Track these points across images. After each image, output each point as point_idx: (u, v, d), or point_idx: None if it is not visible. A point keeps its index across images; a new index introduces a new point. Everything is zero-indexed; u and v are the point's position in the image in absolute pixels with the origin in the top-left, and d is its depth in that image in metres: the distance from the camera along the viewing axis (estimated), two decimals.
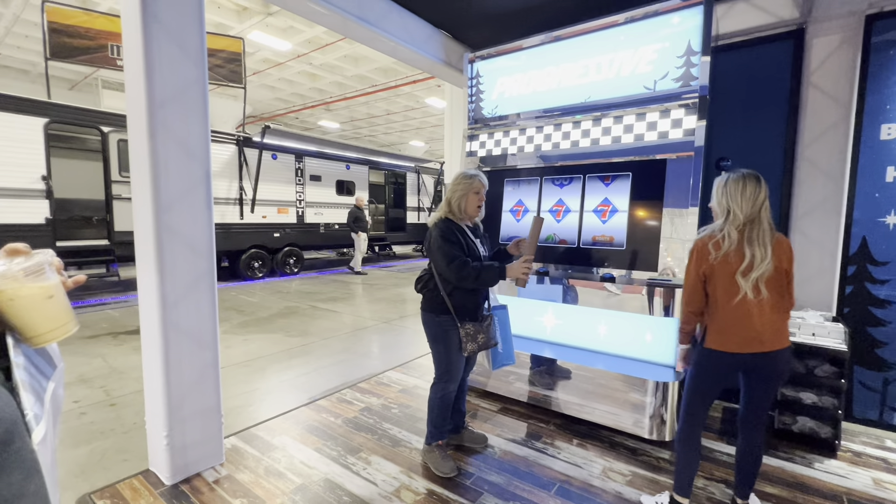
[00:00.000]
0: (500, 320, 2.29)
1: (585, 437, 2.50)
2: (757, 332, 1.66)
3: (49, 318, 0.61)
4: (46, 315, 0.61)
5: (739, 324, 1.66)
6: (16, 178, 5.35)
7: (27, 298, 0.59)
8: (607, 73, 2.77)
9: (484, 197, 2.21)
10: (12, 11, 8.44)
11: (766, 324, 1.65)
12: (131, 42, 1.84)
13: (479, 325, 2.11)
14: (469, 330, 2.07)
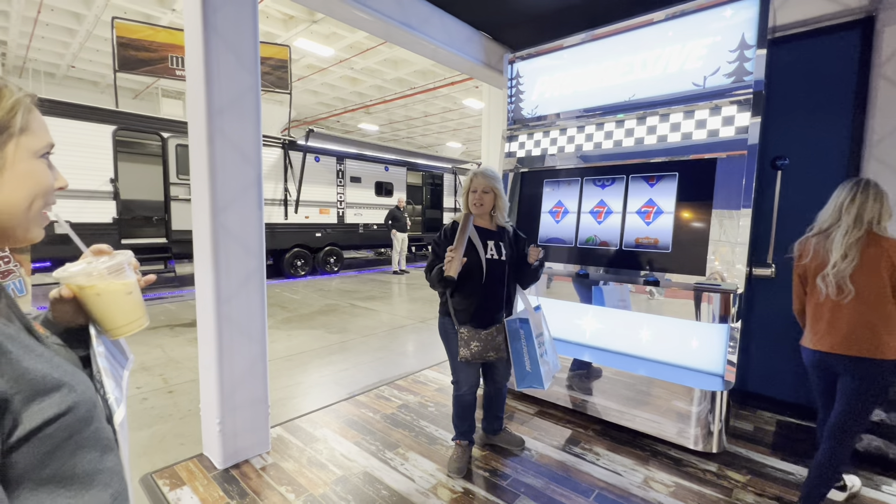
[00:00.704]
0: (513, 334, 2.08)
1: (626, 444, 2.43)
2: (833, 331, 1.70)
3: (126, 313, 0.67)
4: (124, 310, 0.67)
5: (818, 321, 1.79)
6: (88, 181, 5.84)
7: (110, 294, 0.65)
8: (653, 70, 2.69)
9: (481, 195, 2.04)
10: (86, 28, 9.21)
11: (845, 324, 1.68)
12: (193, 53, 1.98)
13: (476, 332, 1.98)
14: (463, 335, 1.98)
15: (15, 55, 10.89)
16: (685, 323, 2.45)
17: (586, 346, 2.86)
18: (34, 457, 0.45)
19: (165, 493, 1.95)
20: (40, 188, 0.53)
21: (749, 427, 2.66)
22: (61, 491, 0.47)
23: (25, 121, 0.52)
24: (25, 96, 0.53)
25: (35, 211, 0.54)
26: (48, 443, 0.45)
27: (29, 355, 0.46)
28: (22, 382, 0.44)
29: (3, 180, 0.49)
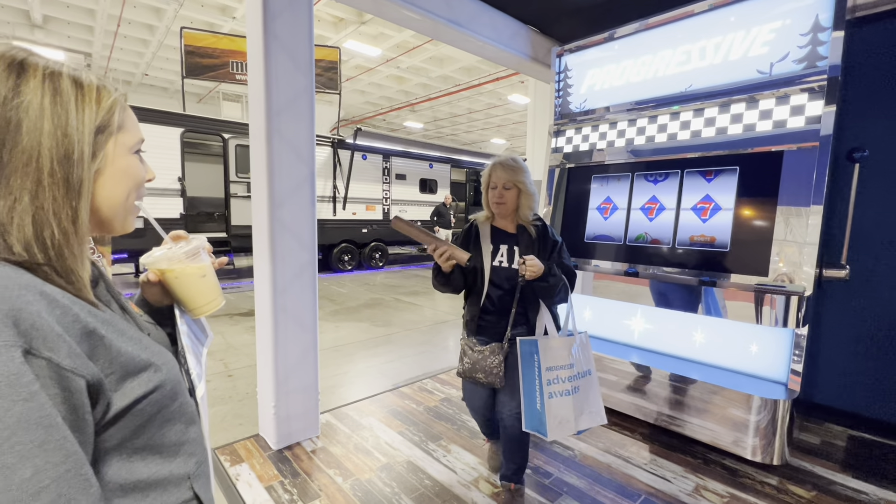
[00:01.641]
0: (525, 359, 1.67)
1: (676, 450, 2.33)
2: None
3: (203, 294, 0.72)
4: (202, 291, 0.72)
5: None
6: (159, 180, 6.36)
7: (187, 277, 0.70)
8: (713, 58, 2.54)
9: (502, 192, 1.71)
10: (158, 39, 9.98)
11: None
12: (254, 58, 2.11)
13: (472, 347, 1.72)
14: (461, 346, 1.78)
15: (98, 65, 11.98)
16: (744, 326, 2.32)
17: (634, 348, 2.76)
18: (127, 430, 0.49)
19: (227, 468, 2.11)
20: (135, 182, 0.57)
21: (815, 440, 2.47)
22: (153, 458, 0.53)
23: (121, 119, 0.55)
24: (121, 95, 0.56)
25: (130, 203, 0.57)
26: (139, 417, 0.50)
27: (121, 338, 0.49)
28: (115, 365, 0.47)
29: (106, 176, 0.53)
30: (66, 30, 9.71)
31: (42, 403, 0.39)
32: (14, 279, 0.42)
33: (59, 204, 0.47)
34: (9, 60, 0.46)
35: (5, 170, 0.44)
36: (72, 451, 0.41)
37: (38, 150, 0.45)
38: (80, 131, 0.49)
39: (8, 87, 0.45)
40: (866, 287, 2.56)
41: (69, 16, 8.98)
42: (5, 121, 0.44)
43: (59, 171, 0.47)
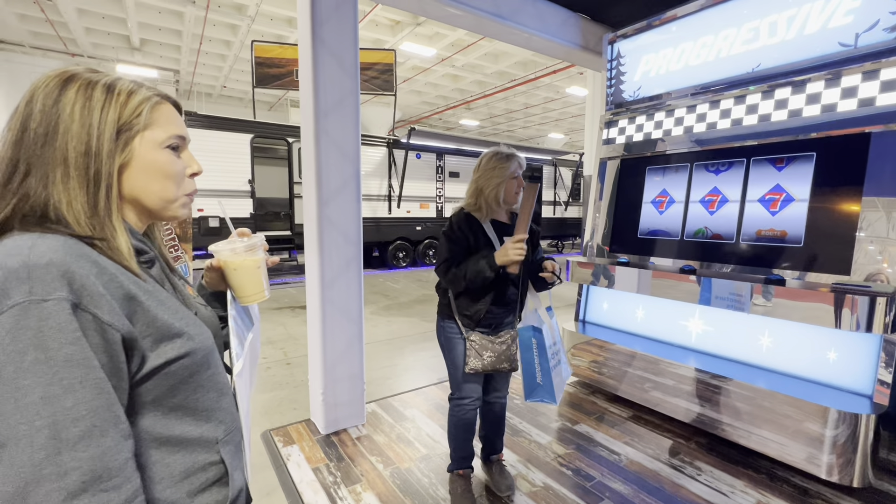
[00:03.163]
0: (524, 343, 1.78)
1: (736, 462, 2.15)
2: None
3: (252, 285, 0.80)
4: (253, 282, 0.80)
5: None
6: (232, 182, 6.94)
7: (243, 268, 0.79)
8: (785, 33, 2.30)
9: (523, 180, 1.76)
10: (234, 53, 10.86)
11: None
12: (304, 63, 2.23)
13: (490, 340, 1.73)
14: (475, 343, 1.72)
15: (185, 81, 13.29)
16: (820, 330, 2.08)
17: (691, 350, 2.58)
18: (162, 388, 0.57)
19: (280, 448, 2.27)
20: (166, 173, 0.62)
21: None
22: (187, 419, 0.60)
23: (150, 118, 0.60)
24: (154, 96, 0.62)
25: (170, 193, 0.63)
26: (172, 378, 0.57)
27: (160, 307, 0.57)
28: (152, 328, 0.55)
29: (133, 168, 0.59)
30: (158, 50, 10.88)
31: (84, 348, 0.47)
32: (74, 248, 0.51)
33: (83, 192, 0.55)
34: (64, 76, 0.56)
35: (48, 163, 0.54)
36: (105, 390, 0.49)
37: (67, 147, 0.54)
38: (101, 129, 0.56)
39: (53, 97, 0.55)
40: None
41: (161, 38, 10.04)
42: (46, 123, 0.54)
43: (81, 164, 0.55)
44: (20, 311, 0.45)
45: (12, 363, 0.44)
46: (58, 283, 0.47)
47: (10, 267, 0.46)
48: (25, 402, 0.44)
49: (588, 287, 3.22)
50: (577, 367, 3.01)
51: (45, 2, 8.42)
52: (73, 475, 0.45)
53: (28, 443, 0.44)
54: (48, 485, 0.44)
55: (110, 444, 0.48)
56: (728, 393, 2.25)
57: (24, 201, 0.53)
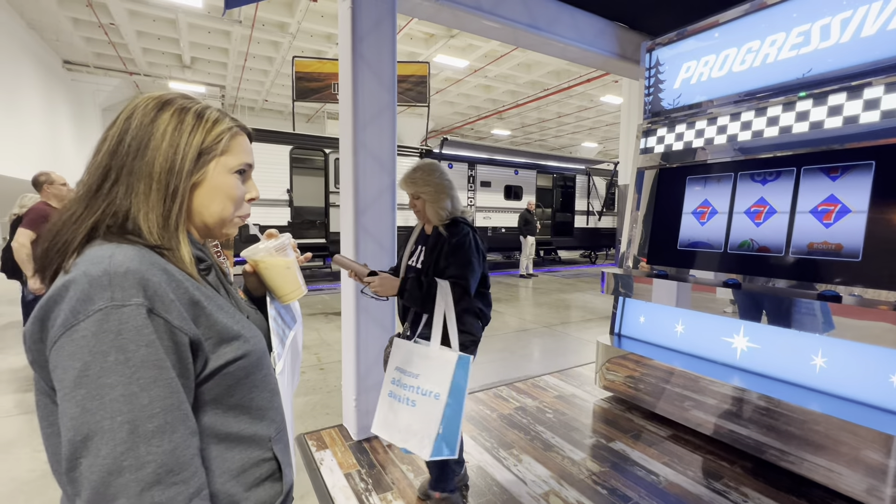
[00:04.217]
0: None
1: (786, 490, 2.02)
2: None
3: (288, 283, 0.83)
4: (286, 281, 0.83)
5: None
6: (272, 192, 7.22)
7: (275, 268, 0.82)
8: (839, 36, 2.19)
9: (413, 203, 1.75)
10: (276, 68, 11.36)
11: None
12: (344, 77, 2.31)
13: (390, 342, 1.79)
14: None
15: (230, 96, 14.01)
16: (882, 351, 1.93)
17: (736, 369, 2.45)
18: (221, 387, 0.60)
19: (313, 452, 2.31)
20: (229, 196, 0.68)
21: None
22: (243, 417, 0.63)
23: (228, 145, 0.67)
24: (234, 126, 0.69)
25: (227, 214, 0.68)
26: (230, 378, 0.61)
27: (220, 312, 0.61)
28: (213, 331, 0.59)
29: (203, 188, 0.65)
30: (206, 67, 11.54)
31: (157, 350, 0.51)
32: (147, 258, 0.55)
33: (160, 204, 0.60)
34: (162, 99, 0.63)
35: (135, 174, 0.60)
36: (176, 389, 0.52)
37: (154, 162, 0.60)
38: (186, 151, 0.62)
39: (150, 117, 0.61)
40: None
41: (209, 55, 10.65)
42: (140, 139, 0.60)
43: (164, 179, 0.61)
44: (103, 315, 0.49)
45: (97, 363, 0.48)
46: (134, 290, 0.51)
47: (94, 275, 0.51)
48: (108, 399, 0.48)
49: (624, 300, 3.13)
50: (611, 382, 2.92)
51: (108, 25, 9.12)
52: (148, 468, 0.48)
53: (111, 436, 0.47)
54: (127, 476, 0.47)
55: (180, 440, 0.51)
56: (777, 415, 2.12)
57: (110, 207, 0.58)
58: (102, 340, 0.49)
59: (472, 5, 2.56)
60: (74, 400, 0.47)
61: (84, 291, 0.50)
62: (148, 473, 0.48)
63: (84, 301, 0.49)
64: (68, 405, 0.48)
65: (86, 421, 0.47)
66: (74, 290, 0.50)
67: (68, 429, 0.47)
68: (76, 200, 0.59)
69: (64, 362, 0.48)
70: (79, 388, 0.48)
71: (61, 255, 0.56)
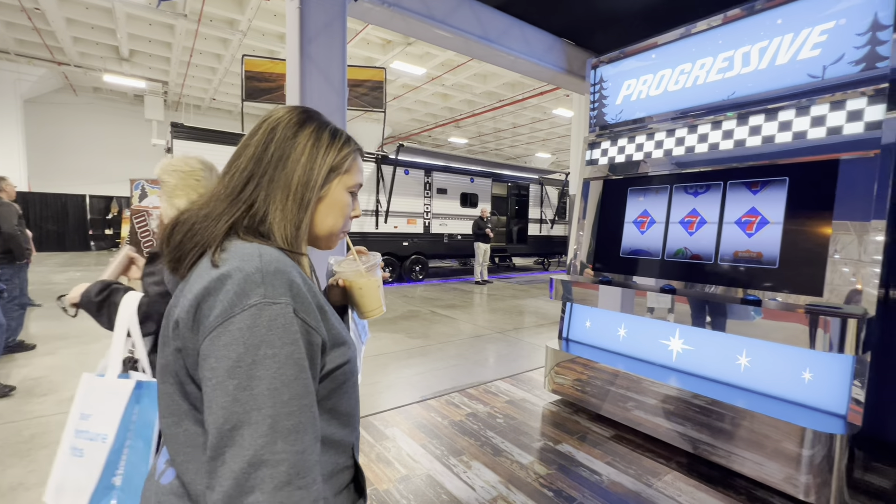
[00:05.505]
0: None
1: (715, 483, 2.15)
2: None
3: (374, 300, 0.86)
4: (374, 298, 0.86)
5: None
6: None
7: (368, 287, 0.85)
8: (757, 63, 2.41)
9: None
10: (224, 66, 10.89)
11: None
12: (292, 78, 2.25)
13: None
14: None
15: (174, 92, 13.25)
16: (796, 351, 2.12)
17: (672, 370, 2.60)
18: (325, 391, 0.62)
19: None
20: (342, 212, 0.73)
21: (886, 484, 2.18)
22: (334, 421, 0.64)
23: (350, 165, 0.72)
24: (357, 149, 0.75)
25: (336, 228, 0.73)
26: (333, 382, 0.63)
27: (333, 317, 0.64)
28: (330, 335, 0.61)
29: (325, 203, 0.70)
30: (147, 61, 10.86)
31: (300, 348, 0.53)
32: (287, 262, 0.59)
33: (295, 213, 0.65)
34: (302, 116, 0.69)
35: (274, 183, 0.64)
36: (311, 390, 0.55)
37: (293, 175, 0.65)
38: (320, 167, 0.67)
39: (292, 131, 0.66)
40: None
41: (150, 49, 10.03)
42: (282, 151, 0.65)
43: (299, 191, 0.65)
44: (257, 310, 0.52)
45: (249, 355, 0.50)
46: (283, 289, 0.54)
47: (248, 271, 0.54)
48: (257, 392, 0.50)
49: (571, 305, 3.24)
50: (560, 385, 3.00)
51: (32, 10, 8.38)
52: (282, 466, 0.49)
53: (256, 428, 0.49)
54: (265, 470, 0.48)
55: (308, 444, 0.53)
56: (708, 412, 2.26)
57: (248, 209, 0.63)
58: (255, 334, 0.51)
59: (425, 14, 2.59)
60: (226, 389, 0.50)
61: (240, 286, 0.53)
62: (282, 472, 0.49)
63: (240, 295, 0.52)
64: (219, 394, 0.50)
65: (235, 411, 0.49)
66: (231, 284, 0.53)
67: (217, 417, 0.49)
68: (216, 199, 0.64)
69: (218, 352, 0.51)
70: (231, 377, 0.50)
71: (201, 249, 0.60)
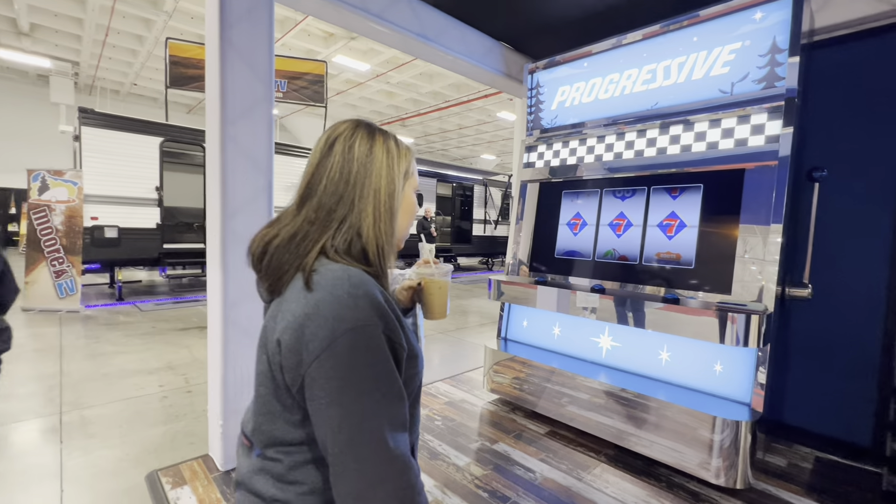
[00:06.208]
0: None
1: (640, 473, 2.27)
2: None
3: (442, 304, 0.92)
4: (443, 302, 0.92)
5: None
6: (136, 189, 6.26)
7: (443, 290, 0.91)
8: (677, 77, 2.57)
9: None
10: (147, 49, 9.98)
11: None
12: (211, 64, 2.08)
13: None
14: None
15: (86, 74, 11.95)
16: (708, 345, 2.28)
17: (602, 366, 2.71)
18: None
19: (167, 491, 2.00)
20: (413, 214, 0.79)
21: (782, 462, 2.42)
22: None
23: (413, 169, 0.77)
24: (414, 152, 0.79)
25: (408, 231, 0.79)
26: (407, 388, 0.67)
27: (408, 331, 0.68)
28: (407, 347, 0.66)
29: (401, 209, 0.74)
30: (53, 38, 9.69)
31: (391, 364, 0.61)
32: (371, 282, 0.64)
33: (387, 225, 0.69)
34: (367, 130, 0.71)
35: (364, 200, 0.68)
36: (404, 400, 0.62)
37: (379, 187, 0.69)
38: (398, 175, 0.72)
39: (367, 146, 0.70)
40: (830, 306, 2.56)
41: (57, 24, 8.97)
42: (365, 167, 0.69)
43: (388, 202, 0.69)
44: (354, 334, 0.58)
45: (355, 375, 0.57)
46: (372, 312, 0.60)
47: (340, 296, 0.59)
48: (366, 406, 0.57)
49: (509, 305, 3.30)
50: (498, 384, 3.04)
51: None
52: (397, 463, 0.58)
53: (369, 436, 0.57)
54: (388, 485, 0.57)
55: (406, 444, 0.61)
56: (633, 405, 2.38)
57: (340, 229, 0.66)
58: (356, 356, 0.57)
59: (359, 6, 2.50)
60: (340, 405, 0.57)
61: (335, 312, 0.58)
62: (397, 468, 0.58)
63: (337, 320, 0.58)
64: (334, 411, 0.57)
65: (349, 424, 0.57)
66: (327, 310, 0.58)
67: (334, 430, 0.57)
68: (306, 221, 0.67)
69: (328, 373, 0.57)
70: (343, 395, 0.57)
71: (296, 270, 0.64)
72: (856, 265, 2.51)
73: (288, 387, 0.61)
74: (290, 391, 0.61)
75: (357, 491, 0.56)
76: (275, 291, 0.66)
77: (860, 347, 2.47)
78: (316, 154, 0.70)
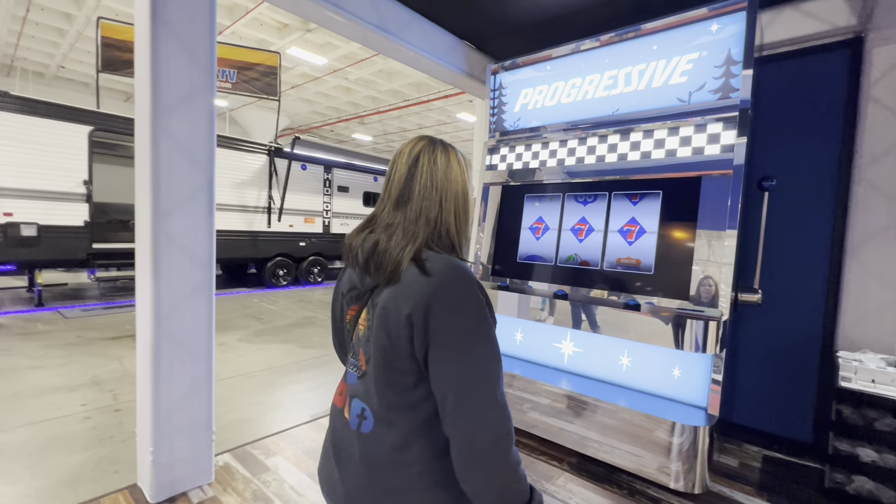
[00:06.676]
0: None
1: (602, 480, 2.25)
2: None
3: None
4: None
5: None
6: (59, 182, 5.64)
7: None
8: (637, 84, 2.59)
9: None
10: (76, 29, 9.10)
11: None
12: (141, 47, 1.84)
13: None
14: None
15: (4, 54, 10.74)
16: (667, 351, 2.30)
17: (564, 372, 2.69)
18: None
19: None
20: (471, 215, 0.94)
21: (734, 462, 2.49)
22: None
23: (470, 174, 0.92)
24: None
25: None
26: None
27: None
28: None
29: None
30: None
31: (493, 331, 0.76)
32: (470, 269, 0.81)
33: (467, 222, 0.88)
34: (440, 144, 0.87)
35: (447, 202, 0.83)
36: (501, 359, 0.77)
37: (458, 192, 0.86)
38: (468, 182, 0.89)
39: (446, 159, 0.85)
40: (777, 310, 2.67)
41: None
42: (446, 175, 0.84)
43: (464, 203, 0.87)
44: (472, 302, 0.73)
45: (477, 334, 0.73)
46: (478, 289, 0.75)
47: (455, 278, 0.75)
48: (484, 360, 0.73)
49: None
50: None
51: None
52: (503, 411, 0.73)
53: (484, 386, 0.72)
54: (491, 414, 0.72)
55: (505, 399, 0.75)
56: (595, 411, 2.37)
57: (437, 225, 0.82)
58: (475, 319, 0.73)
59: None
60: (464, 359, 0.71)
61: (454, 289, 0.73)
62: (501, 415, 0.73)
63: (457, 295, 0.73)
64: (458, 362, 0.71)
65: (470, 375, 0.71)
66: (448, 287, 0.73)
67: (456, 380, 0.71)
68: (409, 222, 0.80)
69: (454, 333, 0.71)
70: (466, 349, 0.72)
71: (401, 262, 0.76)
72: (798, 272, 2.64)
73: (412, 353, 0.73)
74: (415, 357, 0.74)
75: (472, 430, 0.70)
76: (392, 281, 0.76)
77: (803, 349, 2.60)
78: (403, 166, 0.83)
